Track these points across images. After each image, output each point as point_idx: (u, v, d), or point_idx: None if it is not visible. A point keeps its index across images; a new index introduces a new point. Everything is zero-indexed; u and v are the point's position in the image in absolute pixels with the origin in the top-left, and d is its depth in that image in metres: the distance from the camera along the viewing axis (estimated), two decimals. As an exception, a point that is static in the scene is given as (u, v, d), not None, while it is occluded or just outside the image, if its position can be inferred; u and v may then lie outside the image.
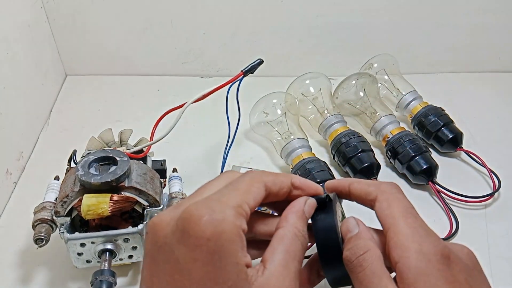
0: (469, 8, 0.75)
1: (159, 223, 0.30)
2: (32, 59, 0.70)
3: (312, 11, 0.75)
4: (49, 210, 0.47)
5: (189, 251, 0.27)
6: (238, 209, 0.29)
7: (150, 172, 0.49)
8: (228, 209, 0.29)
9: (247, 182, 0.32)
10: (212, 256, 0.27)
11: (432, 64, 0.81)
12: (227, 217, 0.28)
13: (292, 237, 0.31)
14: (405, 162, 0.60)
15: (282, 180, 0.34)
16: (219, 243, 0.27)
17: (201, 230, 0.27)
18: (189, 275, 0.27)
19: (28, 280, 0.50)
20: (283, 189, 0.34)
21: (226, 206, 0.29)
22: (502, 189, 0.59)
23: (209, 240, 0.27)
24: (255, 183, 0.32)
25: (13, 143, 0.62)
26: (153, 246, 0.29)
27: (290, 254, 0.30)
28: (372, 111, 0.64)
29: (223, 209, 0.28)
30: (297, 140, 0.60)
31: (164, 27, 0.76)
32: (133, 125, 0.58)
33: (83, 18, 0.75)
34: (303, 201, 0.34)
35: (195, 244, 0.27)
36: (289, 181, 0.35)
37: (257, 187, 0.32)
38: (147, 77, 0.81)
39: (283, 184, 0.34)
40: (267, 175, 0.33)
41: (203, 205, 0.29)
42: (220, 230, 0.27)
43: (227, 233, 0.28)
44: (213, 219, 0.28)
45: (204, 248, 0.27)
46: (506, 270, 0.51)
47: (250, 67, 0.55)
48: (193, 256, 0.27)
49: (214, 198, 0.30)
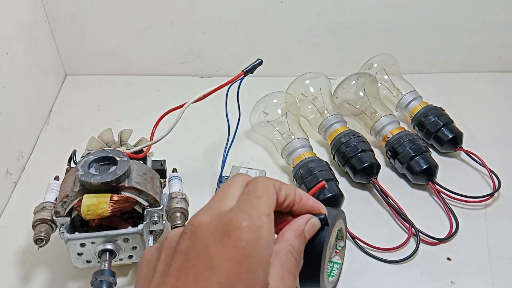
0: (469, 8, 0.75)
1: (199, 226, 0.30)
2: (32, 59, 0.70)
3: (312, 11, 0.75)
4: (49, 210, 0.47)
5: (226, 250, 0.28)
6: (270, 217, 0.31)
7: (150, 172, 0.49)
8: (264, 216, 0.30)
9: (264, 187, 0.33)
10: (247, 259, 0.28)
11: (432, 64, 0.81)
12: (263, 224, 0.30)
13: (286, 253, 0.32)
14: (405, 162, 0.60)
15: (287, 188, 0.34)
16: (255, 247, 0.29)
17: (241, 233, 0.29)
18: (220, 273, 0.28)
19: (28, 280, 0.50)
20: (289, 199, 0.34)
21: (262, 213, 0.30)
22: (502, 189, 0.59)
23: (247, 243, 0.28)
24: (269, 188, 0.33)
25: (13, 143, 0.62)
26: (191, 243, 0.30)
27: (286, 268, 0.31)
28: (372, 111, 0.64)
29: (259, 216, 0.30)
30: (298, 140, 0.60)
31: (164, 27, 0.76)
32: (133, 125, 0.58)
33: (83, 18, 0.75)
34: (305, 220, 0.34)
35: (233, 245, 0.28)
36: (294, 192, 0.35)
37: (272, 192, 0.33)
38: (147, 77, 0.80)
39: (289, 196, 0.34)
40: (275, 181, 0.34)
41: (242, 211, 0.30)
42: (257, 235, 0.29)
43: (263, 238, 0.29)
44: (252, 225, 0.29)
45: (241, 250, 0.28)
46: (506, 270, 0.51)
47: (251, 67, 0.55)
48: (229, 256, 0.28)
49: (247, 205, 0.31)
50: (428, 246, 0.53)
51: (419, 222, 0.55)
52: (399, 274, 0.51)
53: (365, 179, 0.59)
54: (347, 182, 0.61)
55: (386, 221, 0.56)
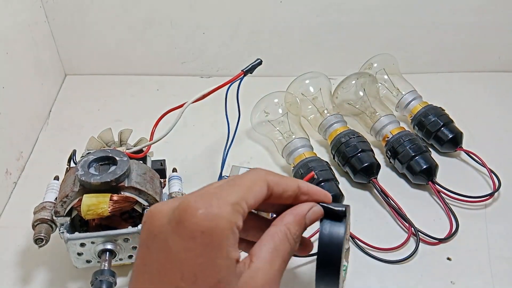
0: (469, 8, 0.75)
1: (157, 213, 0.30)
2: (31, 59, 0.70)
3: (312, 11, 0.75)
4: (49, 210, 0.47)
5: (183, 241, 0.28)
6: (236, 206, 0.29)
7: (150, 172, 0.49)
8: (225, 205, 0.29)
9: (250, 179, 0.32)
10: (205, 249, 0.28)
11: (432, 64, 0.81)
12: (223, 213, 0.28)
13: (282, 237, 0.31)
14: (405, 162, 0.60)
15: (287, 182, 0.33)
16: (213, 237, 0.28)
17: (196, 223, 0.28)
18: (180, 265, 0.28)
19: (28, 280, 0.50)
20: (288, 192, 0.34)
21: (224, 201, 0.29)
22: (502, 189, 0.59)
23: (203, 233, 0.28)
24: (258, 181, 0.32)
25: (12, 143, 0.62)
26: (149, 234, 0.30)
27: (278, 252, 0.31)
28: (372, 111, 0.64)
29: (220, 204, 0.29)
30: (298, 140, 0.60)
31: (164, 27, 0.76)
32: (133, 125, 0.58)
33: (82, 18, 0.75)
34: (308, 206, 0.34)
35: (190, 235, 0.28)
36: (296, 185, 0.34)
37: (260, 186, 0.32)
38: (146, 77, 0.80)
39: (288, 187, 0.33)
40: (272, 175, 0.33)
41: (201, 198, 0.29)
42: (214, 225, 0.28)
43: (221, 228, 0.28)
44: (209, 213, 0.28)
45: (198, 240, 0.27)
46: (506, 270, 0.51)
47: (250, 66, 0.55)
48: (186, 247, 0.28)
49: (213, 192, 0.30)
50: (428, 246, 0.53)
51: (419, 222, 0.55)
52: (399, 274, 0.51)
53: (365, 179, 0.59)
54: (347, 182, 0.61)
55: (386, 221, 0.56)
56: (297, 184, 0.34)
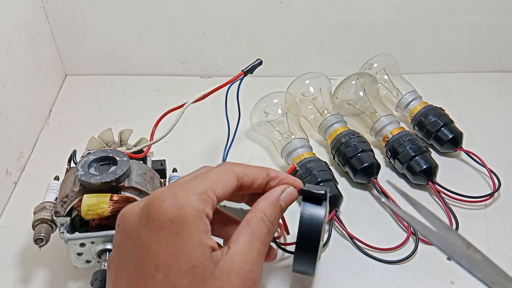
0: (469, 8, 0.75)
1: (128, 214, 0.31)
2: (32, 59, 0.70)
3: (312, 11, 0.75)
4: (49, 210, 0.47)
5: (153, 234, 0.28)
6: (202, 195, 0.30)
7: (150, 172, 0.49)
8: (191, 195, 0.30)
9: (217, 171, 0.33)
10: (175, 237, 0.28)
11: (432, 64, 0.81)
12: (189, 201, 0.29)
13: (258, 221, 0.32)
14: (405, 162, 0.60)
15: (256, 171, 0.35)
16: (181, 225, 0.28)
17: (163, 213, 0.29)
18: (154, 257, 0.28)
19: (28, 280, 0.50)
20: (257, 180, 0.35)
21: (190, 191, 0.30)
22: (502, 189, 0.59)
23: (172, 222, 0.28)
24: (225, 173, 0.33)
25: (13, 143, 0.62)
26: (123, 236, 0.30)
27: (254, 235, 0.32)
28: (372, 111, 0.64)
29: (186, 194, 0.30)
30: (298, 140, 0.60)
31: (164, 27, 0.76)
32: (133, 125, 0.58)
33: (83, 18, 0.75)
34: (281, 189, 0.35)
35: (159, 226, 0.28)
36: (264, 173, 0.35)
37: (228, 177, 0.33)
38: (147, 77, 0.81)
39: (256, 175, 0.35)
40: (240, 166, 0.34)
41: (167, 190, 0.30)
42: (182, 213, 0.29)
43: (188, 216, 0.29)
44: (175, 203, 0.29)
45: (167, 230, 0.28)
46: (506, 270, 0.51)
47: (251, 67, 0.55)
48: (157, 238, 0.28)
49: (178, 184, 0.31)
50: (428, 246, 0.53)
51: (419, 222, 0.55)
52: (398, 274, 0.51)
53: (365, 179, 0.59)
54: (347, 182, 0.61)
55: (386, 221, 0.56)
56: (266, 172, 0.35)
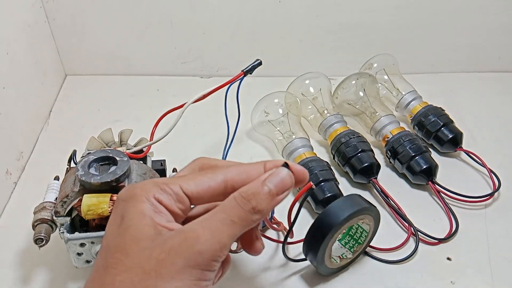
0: (469, 8, 0.75)
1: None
2: (31, 59, 0.70)
3: (312, 11, 0.75)
4: (49, 210, 0.47)
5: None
6: (161, 185, 0.33)
7: (150, 172, 0.49)
8: (150, 184, 0.33)
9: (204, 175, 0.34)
10: (122, 211, 0.33)
11: (432, 64, 0.81)
12: (143, 186, 0.33)
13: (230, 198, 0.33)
14: (405, 162, 0.60)
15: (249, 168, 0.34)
16: (129, 201, 0.33)
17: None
18: (107, 230, 0.34)
19: (28, 280, 0.50)
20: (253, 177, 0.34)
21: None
22: (502, 189, 0.59)
23: (123, 201, 0.33)
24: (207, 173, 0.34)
25: (13, 143, 0.62)
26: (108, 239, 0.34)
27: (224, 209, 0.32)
28: (372, 111, 0.64)
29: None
30: (299, 140, 0.60)
31: (164, 27, 0.76)
32: (133, 125, 0.58)
33: (83, 18, 0.75)
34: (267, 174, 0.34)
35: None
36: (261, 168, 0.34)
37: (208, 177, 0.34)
38: (146, 77, 0.81)
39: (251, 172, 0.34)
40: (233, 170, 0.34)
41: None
42: (132, 193, 0.33)
43: (137, 195, 0.33)
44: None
45: (119, 207, 0.33)
46: (506, 270, 0.51)
47: (250, 67, 0.55)
48: (110, 220, 0.34)
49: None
50: (428, 246, 0.53)
51: (419, 222, 0.55)
52: (399, 274, 0.51)
53: (365, 179, 0.59)
54: (347, 182, 0.61)
55: (386, 221, 0.56)
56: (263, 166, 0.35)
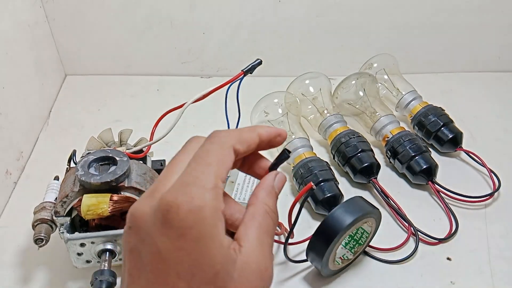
0: (469, 8, 0.75)
1: (139, 215, 0.29)
2: (31, 59, 0.70)
3: (312, 11, 0.75)
4: (49, 210, 0.47)
5: (173, 241, 0.27)
6: (216, 190, 0.28)
7: (150, 172, 0.49)
8: (207, 193, 0.28)
9: (217, 151, 0.31)
10: (197, 244, 0.27)
11: (432, 64, 0.81)
12: (207, 202, 0.27)
13: (263, 214, 0.32)
14: (405, 162, 0.60)
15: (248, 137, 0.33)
16: (202, 229, 0.27)
17: (182, 220, 0.27)
18: (175, 265, 0.27)
19: (28, 280, 0.50)
20: (251, 146, 0.33)
21: (204, 189, 0.28)
22: (502, 189, 0.59)
23: (192, 229, 0.27)
24: (225, 150, 0.31)
25: (13, 143, 0.62)
26: (136, 239, 0.29)
27: (262, 229, 0.31)
28: (372, 111, 0.64)
29: (201, 194, 0.28)
30: (298, 140, 0.60)
31: (164, 27, 0.76)
32: (133, 125, 0.58)
33: (83, 18, 0.75)
34: (272, 177, 0.34)
35: (178, 234, 0.27)
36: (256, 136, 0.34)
37: (227, 155, 0.31)
38: (147, 77, 0.80)
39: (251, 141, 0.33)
40: (233, 136, 0.32)
41: (180, 192, 0.28)
42: (202, 217, 0.27)
43: (208, 218, 0.27)
44: (193, 207, 0.27)
45: (188, 237, 0.27)
46: (506, 270, 0.51)
47: (250, 66, 0.55)
48: (177, 246, 0.27)
49: (189, 181, 0.29)
50: (428, 246, 0.53)
51: (419, 222, 0.55)
52: (399, 274, 0.51)
53: (365, 179, 0.59)
54: (347, 182, 0.61)
55: (386, 221, 0.56)
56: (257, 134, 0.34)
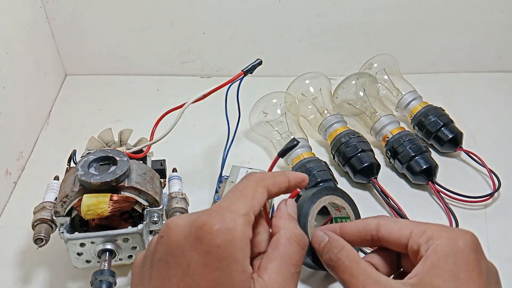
0: (469, 8, 0.75)
1: (174, 228, 0.31)
2: (31, 59, 0.70)
3: (312, 11, 0.75)
4: (49, 210, 0.47)
5: (201, 257, 0.29)
6: (247, 218, 0.30)
7: (150, 172, 0.49)
8: (238, 218, 0.30)
9: (252, 187, 0.33)
10: (221, 263, 0.28)
11: (432, 64, 0.81)
12: (237, 226, 0.30)
13: (285, 242, 0.32)
14: (405, 162, 0.60)
15: (280, 180, 0.35)
16: (228, 250, 0.29)
17: (212, 238, 0.29)
18: (199, 279, 0.29)
19: (28, 280, 0.50)
20: (282, 189, 0.35)
21: (236, 214, 0.30)
22: (502, 189, 0.59)
23: (220, 247, 0.29)
24: (259, 188, 0.33)
25: (13, 143, 0.62)
26: (167, 249, 0.30)
27: (285, 260, 0.31)
28: (372, 111, 0.64)
29: (233, 217, 0.30)
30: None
31: (164, 27, 0.76)
32: (133, 125, 0.58)
33: (83, 18, 0.75)
34: (283, 204, 0.36)
35: (207, 251, 0.29)
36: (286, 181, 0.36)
37: (261, 192, 0.33)
38: (146, 77, 0.80)
39: (281, 185, 0.35)
40: (268, 177, 0.35)
41: (216, 214, 0.30)
42: (230, 238, 0.29)
43: (236, 241, 0.29)
44: (224, 228, 0.29)
45: (214, 255, 0.28)
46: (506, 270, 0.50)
47: (250, 66, 0.55)
48: (204, 262, 0.29)
49: (224, 206, 0.31)
50: (428, 246, 0.53)
51: (419, 222, 0.55)
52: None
53: (365, 179, 0.59)
54: (347, 182, 0.61)
55: (386, 221, 0.56)
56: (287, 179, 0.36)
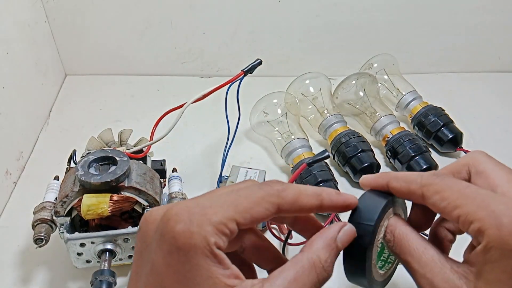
0: (469, 8, 0.75)
1: (150, 220, 0.29)
2: (31, 59, 0.70)
3: (312, 11, 0.75)
4: (49, 210, 0.47)
5: (163, 256, 0.27)
6: (219, 226, 0.27)
7: (150, 172, 0.49)
8: (206, 224, 0.26)
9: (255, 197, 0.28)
10: (183, 266, 0.26)
11: (432, 64, 0.81)
12: (201, 232, 0.26)
13: (308, 266, 0.28)
14: (405, 162, 0.60)
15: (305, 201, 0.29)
16: (189, 255, 0.26)
17: (173, 237, 0.26)
18: (162, 279, 0.27)
19: (28, 280, 0.50)
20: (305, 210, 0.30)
21: (207, 221, 0.26)
22: (502, 189, 0.59)
23: (180, 250, 0.26)
24: (264, 203, 0.28)
25: (12, 143, 0.62)
26: (142, 243, 0.29)
27: (297, 282, 0.27)
28: (372, 111, 0.64)
29: (202, 223, 0.26)
30: (297, 140, 0.60)
31: (164, 27, 0.76)
32: (133, 125, 0.58)
33: (83, 18, 0.75)
34: (338, 227, 0.30)
35: (168, 250, 0.26)
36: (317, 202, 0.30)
37: (265, 209, 0.28)
38: (147, 77, 0.81)
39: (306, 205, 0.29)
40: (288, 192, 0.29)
41: (185, 211, 0.27)
42: (192, 243, 0.26)
43: (198, 248, 0.26)
44: (186, 230, 0.26)
45: (175, 257, 0.26)
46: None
47: (250, 66, 0.55)
48: (166, 262, 0.26)
49: (201, 205, 0.28)
50: (428, 246, 0.53)
51: (419, 222, 0.55)
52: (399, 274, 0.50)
53: (365, 179, 0.59)
54: (347, 182, 0.61)
55: (386, 221, 0.56)
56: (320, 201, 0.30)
